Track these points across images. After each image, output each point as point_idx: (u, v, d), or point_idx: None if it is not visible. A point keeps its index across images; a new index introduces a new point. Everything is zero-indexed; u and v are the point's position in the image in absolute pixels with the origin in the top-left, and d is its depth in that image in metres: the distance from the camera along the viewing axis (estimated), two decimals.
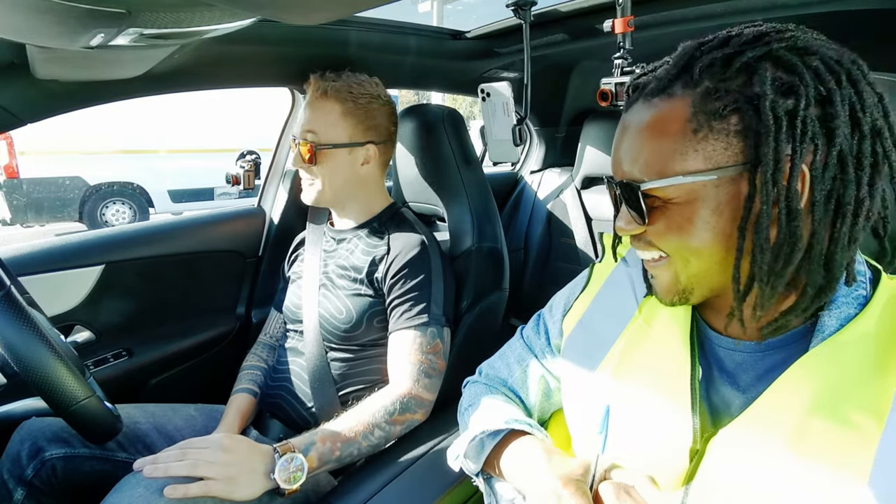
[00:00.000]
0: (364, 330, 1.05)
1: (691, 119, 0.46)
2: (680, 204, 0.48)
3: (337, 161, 1.07)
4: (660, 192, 0.48)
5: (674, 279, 0.52)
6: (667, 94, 0.48)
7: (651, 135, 0.49)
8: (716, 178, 0.46)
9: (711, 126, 0.46)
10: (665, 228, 0.50)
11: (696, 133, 0.46)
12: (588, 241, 1.89)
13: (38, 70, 0.82)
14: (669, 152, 0.47)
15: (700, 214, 0.47)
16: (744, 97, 0.45)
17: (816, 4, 0.95)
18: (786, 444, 0.45)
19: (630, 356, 0.59)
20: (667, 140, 0.47)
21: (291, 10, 0.48)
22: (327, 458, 0.86)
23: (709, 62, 0.47)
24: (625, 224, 0.53)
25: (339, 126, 1.06)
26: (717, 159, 0.46)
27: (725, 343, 0.54)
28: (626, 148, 0.51)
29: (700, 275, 0.51)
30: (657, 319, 0.59)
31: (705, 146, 0.46)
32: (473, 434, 0.70)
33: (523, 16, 1.16)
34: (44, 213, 5.86)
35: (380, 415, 0.92)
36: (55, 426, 0.96)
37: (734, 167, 0.46)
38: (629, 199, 0.51)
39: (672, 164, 0.47)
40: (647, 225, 0.51)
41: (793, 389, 0.46)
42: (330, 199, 1.11)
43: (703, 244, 0.48)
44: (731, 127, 0.45)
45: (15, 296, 0.72)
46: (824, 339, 0.47)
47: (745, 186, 0.46)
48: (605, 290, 0.68)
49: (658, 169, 0.48)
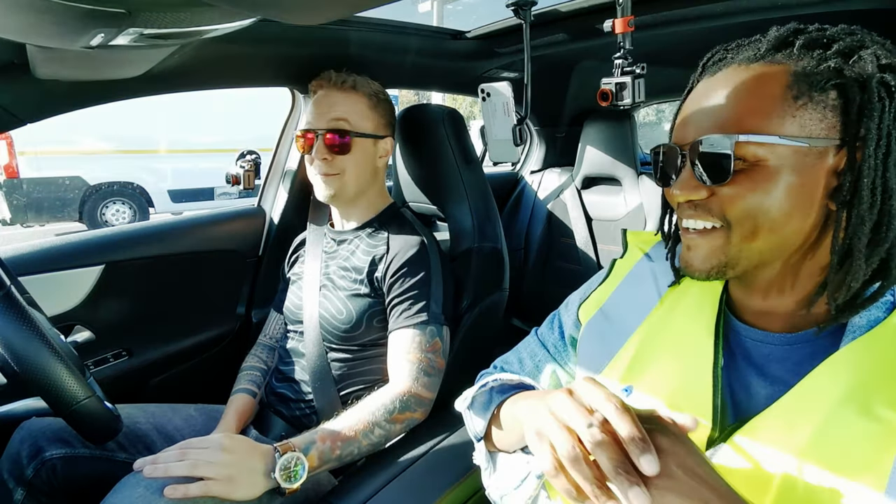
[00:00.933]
0: (364, 330, 1.05)
1: (792, 85, 0.47)
2: (767, 167, 0.47)
3: (365, 151, 1.09)
4: (749, 152, 0.48)
5: (720, 249, 0.51)
6: (767, 61, 0.49)
7: (750, 93, 0.48)
8: (807, 147, 0.47)
9: (811, 96, 0.47)
10: (745, 191, 0.48)
11: (796, 100, 0.47)
12: (588, 241, 1.89)
13: (38, 70, 0.82)
14: (768, 113, 0.47)
15: (785, 181, 0.47)
16: (850, 76, 0.46)
17: (817, 4, 0.95)
18: (811, 437, 0.46)
19: (650, 344, 0.60)
20: (767, 101, 0.48)
21: (291, 10, 0.48)
22: (327, 458, 0.86)
23: (810, 40, 0.48)
24: (687, 189, 0.51)
25: (367, 118, 1.09)
26: (811, 129, 0.47)
27: (754, 334, 0.54)
28: (710, 110, 0.50)
29: (757, 248, 0.50)
30: (679, 310, 0.60)
31: (802, 114, 0.47)
32: (485, 382, 0.71)
33: (523, 16, 1.16)
34: (44, 212, 5.86)
35: (380, 413, 0.92)
36: (55, 426, 0.96)
37: (826, 139, 0.47)
38: (708, 158, 0.49)
39: (769, 123, 0.47)
40: (720, 186, 0.49)
41: (824, 384, 0.47)
42: (351, 192, 1.10)
43: (779, 211, 0.48)
44: (830, 101, 0.47)
45: (15, 296, 0.72)
46: (855, 337, 0.48)
47: (834, 161, 0.47)
48: (627, 282, 0.68)
49: (754, 127, 0.47)
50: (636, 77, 0.97)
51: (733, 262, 0.51)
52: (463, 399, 0.75)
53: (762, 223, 0.49)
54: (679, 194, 0.52)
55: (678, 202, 0.54)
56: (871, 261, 0.48)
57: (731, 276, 0.53)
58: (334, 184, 1.08)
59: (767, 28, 0.52)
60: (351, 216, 1.16)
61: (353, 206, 1.15)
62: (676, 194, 0.52)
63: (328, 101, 1.08)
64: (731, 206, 0.49)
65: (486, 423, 0.70)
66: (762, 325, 0.54)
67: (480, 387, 0.72)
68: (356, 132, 1.07)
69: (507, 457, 0.68)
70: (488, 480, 0.72)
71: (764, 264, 0.52)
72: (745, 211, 0.49)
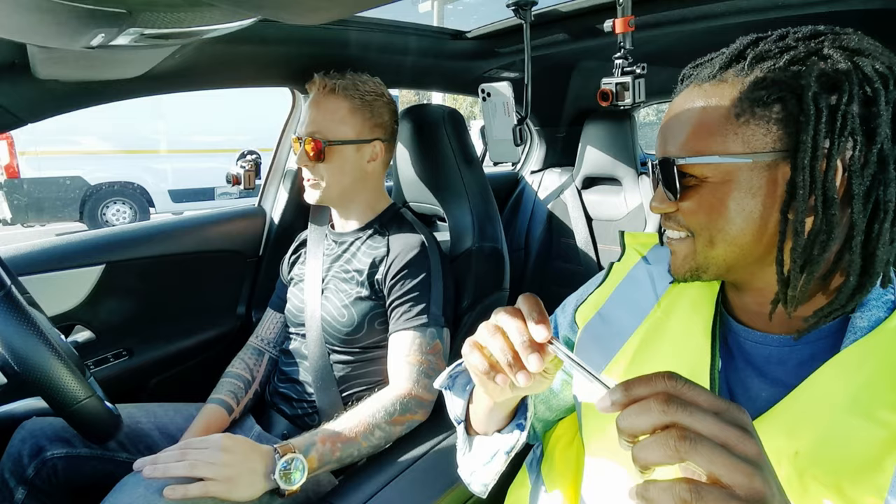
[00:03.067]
0: (365, 332, 1.05)
1: (736, 104, 0.49)
2: (714, 183, 0.50)
3: (345, 158, 1.07)
4: (696, 170, 0.51)
5: (690, 255, 0.54)
6: (718, 80, 0.51)
7: (695, 116, 0.51)
8: (751, 162, 0.48)
9: (754, 112, 0.48)
10: (697, 206, 0.52)
11: (738, 117, 0.48)
12: (589, 241, 1.89)
13: (38, 70, 0.82)
14: (709, 133, 0.50)
15: (732, 196, 0.49)
16: (789, 88, 0.47)
17: (817, 4, 0.95)
18: (813, 440, 0.46)
19: (648, 347, 0.60)
20: (709, 121, 0.50)
21: (291, 10, 0.48)
22: (328, 459, 0.86)
23: (761, 53, 0.49)
24: (658, 202, 0.55)
25: (347, 123, 1.06)
26: (754, 144, 0.48)
27: (753, 336, 0.55)
28: (669, 127, 0.54)
29: (719, 256, 0.52)
30: (677, 313, 0.60)
31: (745, 130, 0.48)
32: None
33: (524, 16, 1.16)
34: (44, 212, 5.87)
35: (380, 415, 0.92)
36: (56, 426, 0.97)
37: (770, 153, 0.48)
38: (665, 176, 0.53)
39: (711, 143, 0.49)
40: (679, 201, 0.53)
41: (826, 387, 0.47)
42: (336, 197, 1.11)
43: (731, 225, 0.50)
44: (773, 115, 0.47)
45: (15, 296, 0.72)
46: (857, 339, 0.48)
47: (783, 173, 0.48)
48: (624, 285, 0.68)
49: (696, 148, 0.50)
50: (636, 77, 0.97)
51: (703, 266, 0.54)
52: (441, 379, 0.74)
53: (716, 234, 0.51)
54: (654, 206, 0.56)
55: (654, 213, 0.57)
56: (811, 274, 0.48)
57: (705, 278, 0.55)
58: (316, 190, 1.09)
59: (768, 28, 0.52)
60: (349, 218, 1.16)
61: (348, 209, 1.15)
62: (653, 206, 0.56)
63: (310, 107, 1.08)
64: (688, 219, 0.53)
65: (465, 404, 0.71)
66: (761, 327, 0.54)
67: (456, 365, 0.72)
68: (331, 140, 1.05)
69: (482, 439, 0.69)
70: (461, 460, 0.72)
71: (736, 268, 0.53)
72: (699, 224, 0.52)
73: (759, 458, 0.35)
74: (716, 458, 0.34)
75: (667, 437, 0.35)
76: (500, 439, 0.66)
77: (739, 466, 0.34)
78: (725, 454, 0.34)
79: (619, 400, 0.39)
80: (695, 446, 0.34)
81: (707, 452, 0.34)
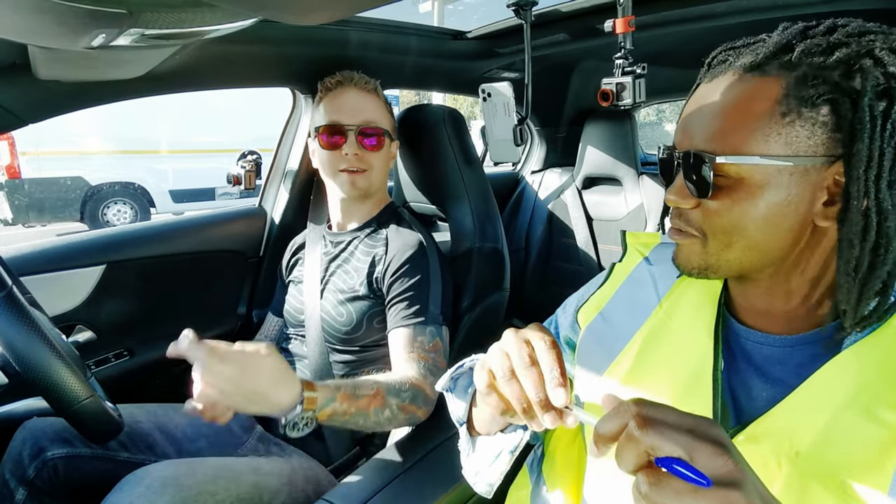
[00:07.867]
0: (365, 331, 1.05)
1: (781, 101, 0.45)
2: (749, 186, 0.47)
3: (388, 151, 1.15)
4: (732, 170, 0.47)
5: (698, 255, 0.52)
6: (761, 71, 0.47)
7: (736, 110, 0.47)
8: (792, 166, 0.46)
9: (801, 112, 0.45)
10: (723, 207, 0.49)
11: (783, 116, 0.45)
12: (589, 241, 1.89)
13: (39, 70, 0.82)
14: (752, 131, 0.46)
15: (766, 198, 0.47)
16: (842, 91, 0.44)
17: (818, 4, 0.95)
18: (813, 440, 0.45)
19: (650, 347, 0.60)
20: (752, 118, 0.46)
21: (292, 10, 0.48)
22: (337, 419, 0.84)
23: (811, 47, 0.46)
24: (677, 196, 0.52)
25: (388, 120, 1.15)
26: (797, 147, 0.45)
27: (754, 336, 0.54)
28: (701, 119, 0.50)
29: (735, 258, 0.50)
30: (679, 314, 0.60)
31: (789, 131, 0.45)
32: (463, 363, 0.71)
33: (524, 16, 1.16)
34: (45, 213, 5.87)
35: (393, 399, 0.91)
36: (57, 426, 0.97)
37: (812, 157, 0.45)
38: (693, 171, 0.49)
39: (753, 143, 0.46)
40: (708, 199, 0.49)
41: (827, 387, 0.47)
42: (375, 188, 1.15)
43: (756, 230, 0.48)
44: (820, 117, 0.45)
45: (17, 296, 0.72)
46: (857, 339, 0.47)
47: (823, 179, 0.46)
48: (626, 286, 0.68)
49: (734, 143, 0.47)
50: (637, 77, 0.97)
51: (714, 267, 0.52)
52: (443, 381, 0.74)
53: (736, 237, 0.49)
54: (671, 200, 0.53)
55: (671, 206, 0.55)
56: (867, 284, 0.46)
57: (713, 277, 0.54)
58: (363, 180, 1.10)
59: (768, 28, 0.51)
60: (354, 216, 1.16)
61: (363, 203, 1.15)
62: (670, 199, 0.53)
63: (358, 100, 1.10)
64: (710, 220, 0.50)
65: (467, 406, 0.70)
66: (762, 327, 0.54)
67: (458, 367, 0.71)
68: (386, 131, 1.12)
69: (485, 439, 0.69)
70: (465, 461, 0.72)
71: (749, 271, 0.52)
72: (718, 225, 0.50)
73: (733, 472, 0.35)
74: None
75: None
76: (503, 439, 0.66)
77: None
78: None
79: (601, 444, 0.40)
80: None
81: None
